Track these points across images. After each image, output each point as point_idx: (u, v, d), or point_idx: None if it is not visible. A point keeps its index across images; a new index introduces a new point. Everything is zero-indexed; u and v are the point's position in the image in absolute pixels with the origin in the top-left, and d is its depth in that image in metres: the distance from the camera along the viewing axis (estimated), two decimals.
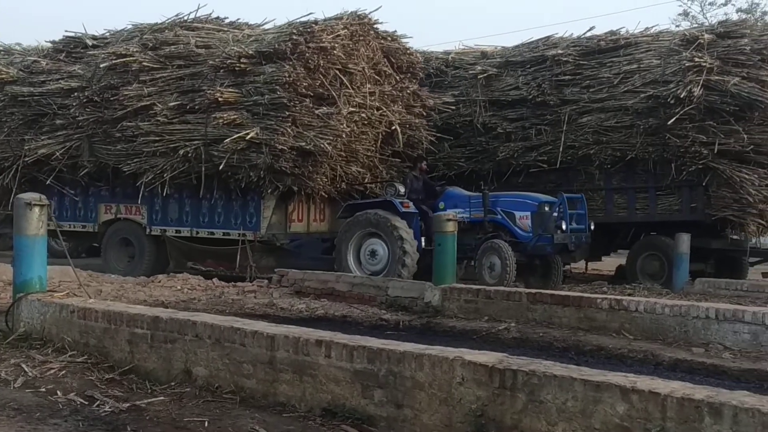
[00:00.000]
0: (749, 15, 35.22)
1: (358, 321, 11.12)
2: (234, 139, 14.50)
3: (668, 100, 15.53)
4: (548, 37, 18.77)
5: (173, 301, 11.83)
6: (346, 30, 15.46)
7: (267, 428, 5.30)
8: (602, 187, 17.40)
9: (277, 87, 14.47)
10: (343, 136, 15.13)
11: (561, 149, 17.16)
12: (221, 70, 15.14)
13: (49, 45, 18.98)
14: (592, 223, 15.83)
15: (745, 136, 15.34)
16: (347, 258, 15.34)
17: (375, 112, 16.20)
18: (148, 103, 15.61)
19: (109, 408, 5.72)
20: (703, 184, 15.95)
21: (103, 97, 16.30)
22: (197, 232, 16.46)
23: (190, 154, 15.09)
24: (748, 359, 8.64)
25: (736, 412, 4.06)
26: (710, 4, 38.37)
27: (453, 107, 18.20)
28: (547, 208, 14.99)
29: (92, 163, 16.72)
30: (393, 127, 16.54)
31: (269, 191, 15.23)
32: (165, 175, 15.53)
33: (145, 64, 15.92)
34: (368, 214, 15.22)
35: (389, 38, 17.01)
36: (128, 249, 17.41)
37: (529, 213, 14.97)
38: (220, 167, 14.74)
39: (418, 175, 16.40)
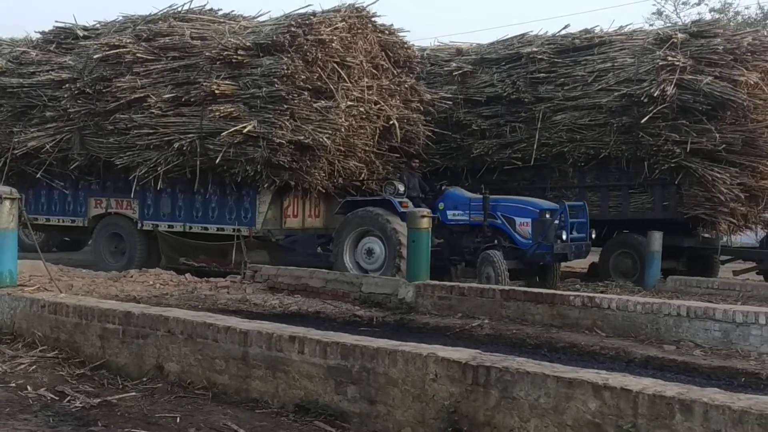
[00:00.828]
0: (722, 15, 35.48)
1: (332, 317, 11.10)
2: (231, 132, 14.28)
3: (642, 98, 15.59)
4: (523, 35, 18.82)
5: (145, 296, 11.76)
6: (344, 23, 15.29)
7: (239, 424, 5.28)
8: (576, 185, 17.45)
9: (275, 80, 14.29)
10: (342, 130, 14.89)
11: (535, 147, 17.19)
12: (217, 62, 14.90)
13: (39, 36, 18.69)
14: (594, 232, 15.58)
15: (717, 135, 15.41)
16: (344, 255, 15.12)
17: (373, 106, 15.96)
18: (141, 95, 15.39)
19: (80, 403, 5.69)
20: (676, 182, 16.03)
21: (95, 89, 16.05)
22: (190, 227, 16.20)
23: (185, 148, 14.85)
24: (718, 356, 8.71)
25: (707, 409, 4.09)
26: (684, 3, 38.63)
27: (449, 102, 17.99)
28: (548, 216, 14.58)
29: (83, 156, 16.44)
30: (391, 122, 16.32)
31: (266, 185, 14.98)
32: (159, 168, 15.29)
33: (139, 55, 15.66)
34: (366, 212, 15.03)
35: (387, 32, 16.78)
36: (119, 244, 17.13)
37: (529, 220, 14.56)
38: (217, 161, 14.51)
39: (413, 172, 16.23)
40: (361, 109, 15.57)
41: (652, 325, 9.56)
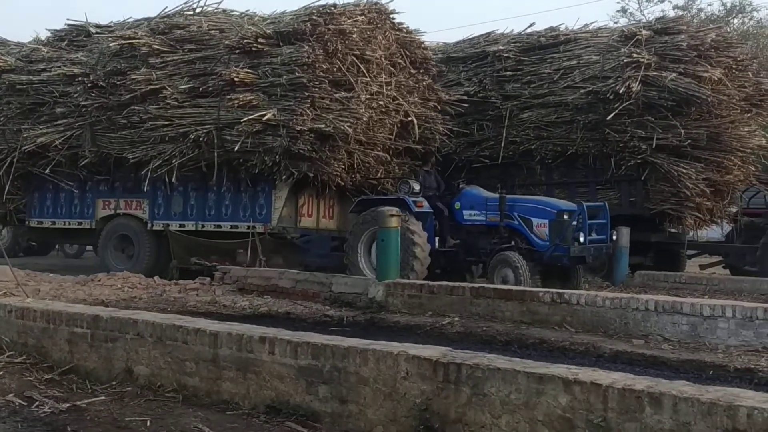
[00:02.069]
0: (685, 11, 35.76)
1: (302, 317, 11.08)
2: (250, 119, 14.01)
3: (607, 95, 15.69)
4: (489, 33, 18.91)
5: (113, 299, 11.67)
6: (363, 16, 15.13)
7: (210, 426, 5.25)
8: (543, 182, 17.54)
9: (296, 68, 14.07)
10: (364, 119, 14.63)
11: (503, 145, 17.27)
12: (236, 51, 14.72)
13: (49, 34, 18.35)
14: (615, 233, 15.08)
15: (682, 130, 15.54)
16: (358, 256, 14.43)
17: (392, 101, 15.70)
18: (157, 86, 15.13)
19: (49, 408, 5.64)
20: (642, 178, 16.15)
21: (108, 82, 15.75)
22: (203, 226, 15.87)
23: (201, 139, 14.56)
24: (686, 350, 8.79)
25: (676, 402, 4.12)
26: (647, 0, 38.90)
27: (466, 104, 17.70)
28: (566, 217, 13.82)
29: (94, 153, 16.12)
30: (409, 118, 15.99)
31: (283, 178, 14.68)
32: (173, 161, 14.98)
33: (155, 47, 15.41)
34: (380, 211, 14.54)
35: (404, 30, 16.57)
36: (126, 247, 16.75)
37: (547, 221, 13.82)
38: (236, 149, 14.22)
39: (429, 170, 15.72)
40: (381, 102, 15.33)
41: (621, 320, 9.63)
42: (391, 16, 16.15)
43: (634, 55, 15.53)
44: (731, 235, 18.14)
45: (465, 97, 17.63)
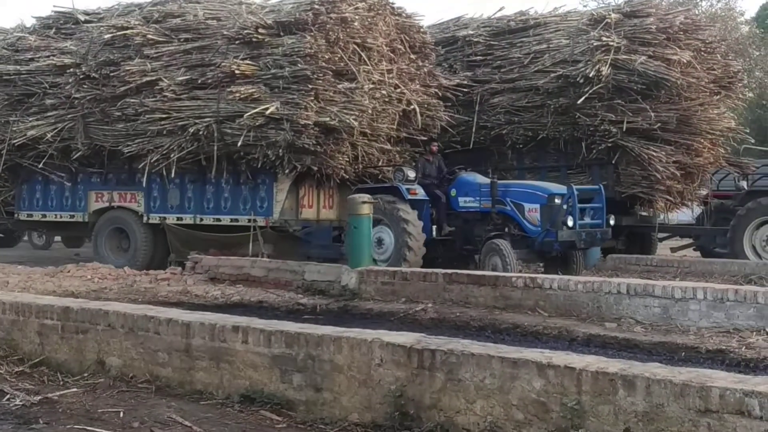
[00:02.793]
0: None
1: (275, 306, 11.05)
2: (252, 114, 13.68)
3: (577, 79, 15.71)
4: (459, 18, 18.87)
5: (83, 291, 11.59)
6: (364, 2, 14.85)
7: (184, 417, 5.22)
8: (515, 167, 17.56)
9: (298, 59, 13.73)
10: (369, 110, 14.36)
11: (474, 130, 17.25)
12: (236, 42, 14.38)
13: (35, 21, 17.82)
14: (612, 218, 14.88)
15: (652, 114, 15.59)
16: None
17: (394, 89, 15.37)
18: (153, 78, 14.74)
19: (20, 401, 5.58)
20: (613, 162, 16.21)
21: (101, 74, 15.38)
22: (201, 219, 15.56)
23: (200, 133, 14.20)
24: (658, 332, 8.84)
25: (649, 384, 4.14)
26: None
27: (466, 88, 17.40)
28: (557, 201, 13.53)
29: (86, 145, 15.74)
30: (411, 106, 15.65)
31: (286, 171, 14.37)
32: (171, 155, 14.61)
33: (149, 36, 15.02)
34: (374, 200, 13.82)
35: (404, 15, 16.24)
36: (122, 241, 16.41)
37: (538, 206, 13.59)
38: (238, 144, 13.88)
39: (430, 159, 15.37)
40: (384, 92, 15.01)
41: (594, 303, 9.67)
42: (390, 0, 15.85)
43: (604, 39, 15.56)
44: (701, 218, 18.25)
45: (465, 82, 17.32)
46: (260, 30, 14.14)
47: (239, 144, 13.89)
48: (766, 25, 38.05)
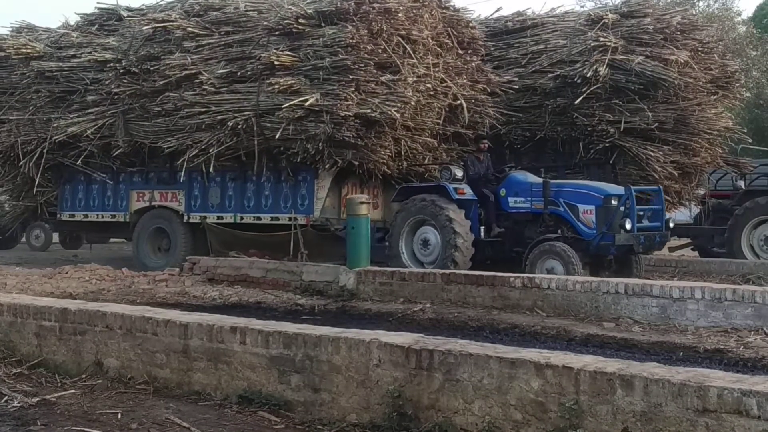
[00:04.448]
0: None
1: (273, 307, 11.06)
2: (291, 105, 13.29)
3: (575, 79, 15.69)
4: None
5: (81, 292, 11.59)
6: None
7: (182, 417, 5.22)
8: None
9: (339, 50, 13.32)
10: (411, 103, 13.83)
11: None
12: (276, 33, 14.07)
13: (79, 19, 17.61)
14: (672, 220, 14.26)
15: (650, 113, 15.59)
16: (400, 247, 13.72)
17: (440, 83, 14.81)
18: (192, 72, 14.48)
19: (18, 403, 5.59)
20: (611, 161, 16.18)
21: (141, 68, 15.12)
22: (242, 218, 15.24)
23: (240, 126, 13.87)
24: (656, 332, 8.85)
25: (647, 383, 4.15)
26: None
27: (516, 87, 16.83)
28: (614, 202, 12.81)
29: (127, 142, 15.54)
30: (458, 102, 15.06)
31: (326, 167, 13.91)
32: (210, 151, 14.32)
33: (189, 30, 14.76)
34: (420, 199, 13.63)
35: (451, 9, 15.69)
36: (162, 240, 16.21)
37: (593, 207, 12.87)
38: (276, 136, 13.52)
39: (480, 157, 14.66)
40: (428, 85, 14.48)
41: (592, 303, 9.68)
42: None
43: (601, 39, 15.55)
44: (699, 218, 18.25)
45: (515, 79, 16.81)
46: (301, 20, 13.80)
47: (278, 137, 13.56)
48: (764, 25, 38.07)
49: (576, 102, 15.69)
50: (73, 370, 6.43)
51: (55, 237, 22.82)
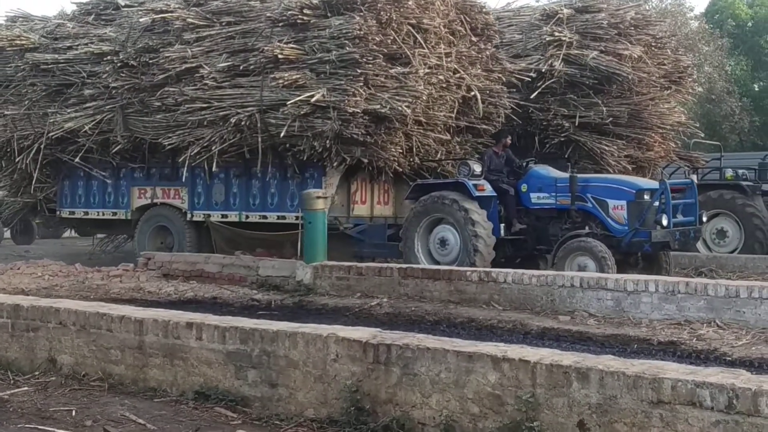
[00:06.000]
0: None
1: (229, 302, 11.01)
2: (296, 101, 12.62)
3: (530, 74, 15.79)
4: None
5: (34, 288, 11.46)
6: None
7: (138, 414, 5.18)
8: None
9: (346, 42, 12.58)
10: (423, 97, 13.13)
11: None
12: (280, 24, 13.34)
13: (75, 8, 16.84)
14: (705, 214, 13.58)
15: (604, 108, 15.73)
16: (415, 245, 13.04)
17: (452, 74, 14.06)
18: (193, 65, 13.81)
19: None
20: (566, 156, 16.30)
21: (139, 61, 14.47)
22: (247, 216, 14.59)
23: (243, 123, 13.16)
24: (611, 325, 8.94)
25: (602, 376, 4.19)
26: None
27: (529, 76, 16.11)
28: (647, 197, 12.20)
29: (126, 138, 14.87)
30: (472, 93, 14.36)
31: (334, 164, 13.32)
32: (213, 148, 13.65)
33: (189, 20, 14.12)
34: (437, 197, 12.90)
35: None
36: (165, 238, 15.61)
37: (624, 202, 12.21)
38: (281, 134, 12.88)
39: (499, 152, 13.88)
40: (441, 77, 13.75)
41: (548, 297, 9.75)
42: None
43: (556, 34, 15.66)
44: None
45: (531, 66, 15.97)
46: (305, 11, 13.12)
47: (282, 134, 12.96)
48: (715, 21, 38.52)
49: (531, 96, 15.77)
50: (26, 367, 6.36)
51: (7, 233, 22.48)
